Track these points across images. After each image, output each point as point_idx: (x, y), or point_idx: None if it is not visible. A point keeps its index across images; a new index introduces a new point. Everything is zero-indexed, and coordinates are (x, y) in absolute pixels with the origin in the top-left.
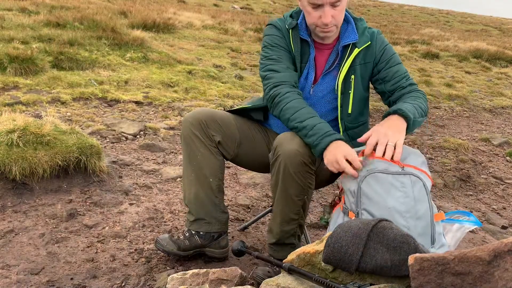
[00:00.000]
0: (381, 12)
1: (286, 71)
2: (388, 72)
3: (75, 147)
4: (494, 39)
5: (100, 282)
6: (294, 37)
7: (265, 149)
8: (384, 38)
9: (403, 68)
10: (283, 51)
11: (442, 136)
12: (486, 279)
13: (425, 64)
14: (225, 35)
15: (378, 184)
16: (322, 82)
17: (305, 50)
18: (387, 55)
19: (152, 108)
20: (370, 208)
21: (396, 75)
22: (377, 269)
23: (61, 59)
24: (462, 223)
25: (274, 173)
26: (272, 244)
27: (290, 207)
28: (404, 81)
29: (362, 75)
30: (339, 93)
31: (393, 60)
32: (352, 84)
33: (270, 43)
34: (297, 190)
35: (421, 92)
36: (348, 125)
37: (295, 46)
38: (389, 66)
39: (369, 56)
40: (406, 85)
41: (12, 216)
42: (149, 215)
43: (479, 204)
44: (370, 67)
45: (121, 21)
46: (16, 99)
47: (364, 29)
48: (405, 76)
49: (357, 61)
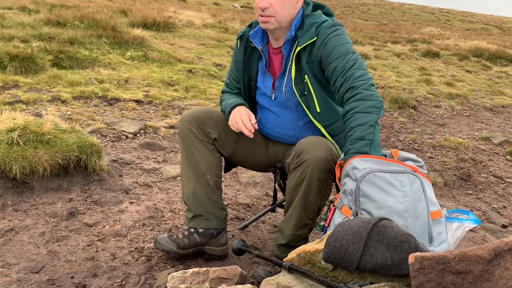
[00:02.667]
0: (382, 11)
1: (229, 86)
2: (328, 70)
3: (75, 146)
4: (494, 38)
5: (101, 281)
6: (240, 46)
7: (263, 148)
8: (332, 30)
9: (347, 59)
10: (233, 64)
11: (443, 135)
12: (486, 278)
13: (425, 63)
14: (226, 34)
15: (377, 183)
16: (280, 86)
17: (254, 58)
18: (327, 50)
19: (152, 107)
20: (369, 208)
21: (334, 72)
22: (377, 268)
23: (61, 58)
24: (461, 222)
25: (295, 177)
26: (282, 245)
27: (307, 212)
28: (340, 79)
29: (314, 74)
30: (298, 96)
31: (333, 55)
32: (309, 85)
33: (233, 55)
34: (317, 196)
35: (363, 82)
36: (323, 123)
37: (239, 55)
38: (328, 62)
39: (314, 53)
40: (339, 84)
41: (12, 215)
42: (150, 214)
43: (479, 203)
44: (317, 65)
45: (121, 20)
46: (17, 98)
47: (311, 25)
48: (343, 70)
49: (303, 60)
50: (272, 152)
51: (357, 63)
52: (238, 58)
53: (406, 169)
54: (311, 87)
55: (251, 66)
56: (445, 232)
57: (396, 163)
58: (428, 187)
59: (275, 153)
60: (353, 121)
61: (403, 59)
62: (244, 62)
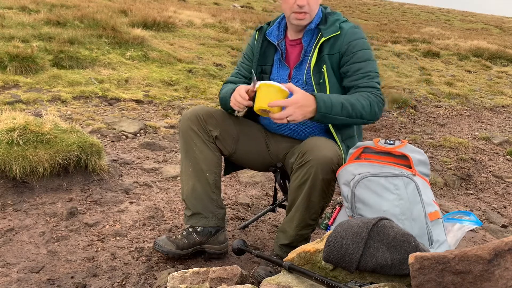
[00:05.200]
0: (382, 10)
1: (235, 75)
2: (350, 67)
3: (75, 146)
4: (494, 37)
5: (101, 281)
6: (258, 39)
7: (264, 147)
8: (359, 32)
9: (369, 67)
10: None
11: (443, 135)
12: (486, 278)
13: (425, 62)
14: (226, 34)
15: (371, 187)
16: (296, 75)
17: (270, 51)
18: (354, 49)
19: (152, 106)
20: (365, 213)
21: (358, 72)
22: (377, 268)
23: (62, 58)
24: (463, 223)
25: (299, 177)
26: (284, 245)
27: (310, 213)
28: (364, 81)
29: (332, 66)
30: (314, 84)
31: (360, 55)
32: (325, 74)
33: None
34: (320, 197)
35: (376, 96)
36: None
37: (257, 46)
38: (353, 61)
39: (337, 47)
40: (363, 85)
41: (12, 215)
42: (150, 214)
43: (480, 203)
44: (337, 58)
45: (122, 20)
46: (17, 98)
47: (335, 21)
48: (368, 75)
49: (325, 50)
50: (273, 151)
51: (379, 77)
52: (255, 49)
53: (401, 172)
54: (326, 77)
55: (266, 58)
56: (444, 233)
57: (392, 166)
58: (425, 188)
59: (276, 153)
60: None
61: (403, 59)
62: (260, 54)
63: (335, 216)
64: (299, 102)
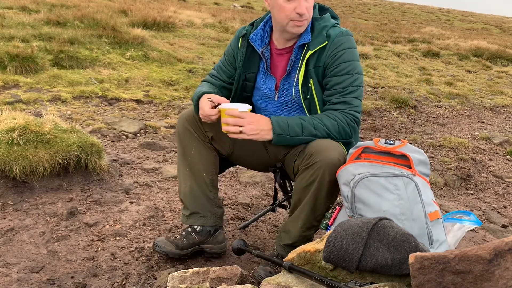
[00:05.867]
0: (382, 10)
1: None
2: (329, 80)
3: (75, 146)
4: (494, 37)
5: (101, 281)
6: (242, 46)
7: (262, 147)
8: (346, 41)
9: (349, 81)
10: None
11: (443, 134)
12: (486, 277)
13: (425, 62)
14: (226, 34)
15: (371, 187)
16: (284, 87)
17: (255, 58)
18: (337, 61)
19: (152, 106)
20: (365, 213)
21: (335, 86)
22: (377, 267)
23: (62, 58)
24: (463, 223)
25: (305, 178)
26: (287, 245)
27: (315, 214)
28: (337, 96)
29: (318, 79)
30: (302, 99)
31: (341, 68)
32: (312, 89)
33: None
34: (326, 198)
35: (345, 114)
36: None
37: (241, 53)
38: (333, 74)
39: (323, 59)
40: (336, 101)
41: (12, 215)
42: (150, 214)
43: (480, 202)
44: (323, 71)
45: (122, 20)
46: (17, 98)
47: (322, 28)
48: (344, 90)
49: (311, 64)
50: (271, 151)
51: (358, 91)
52: (239, 57)
53: (401, 172)
54: (314, 91)
55: (250, 66)
56: (444, 233)
57: (392, 166)
58: (425, 188)
59: (275, 153)
60: (322, 119)
61: (403, 58)
62: (244, 62)
63: (335, 216)
64: (255, 117)
